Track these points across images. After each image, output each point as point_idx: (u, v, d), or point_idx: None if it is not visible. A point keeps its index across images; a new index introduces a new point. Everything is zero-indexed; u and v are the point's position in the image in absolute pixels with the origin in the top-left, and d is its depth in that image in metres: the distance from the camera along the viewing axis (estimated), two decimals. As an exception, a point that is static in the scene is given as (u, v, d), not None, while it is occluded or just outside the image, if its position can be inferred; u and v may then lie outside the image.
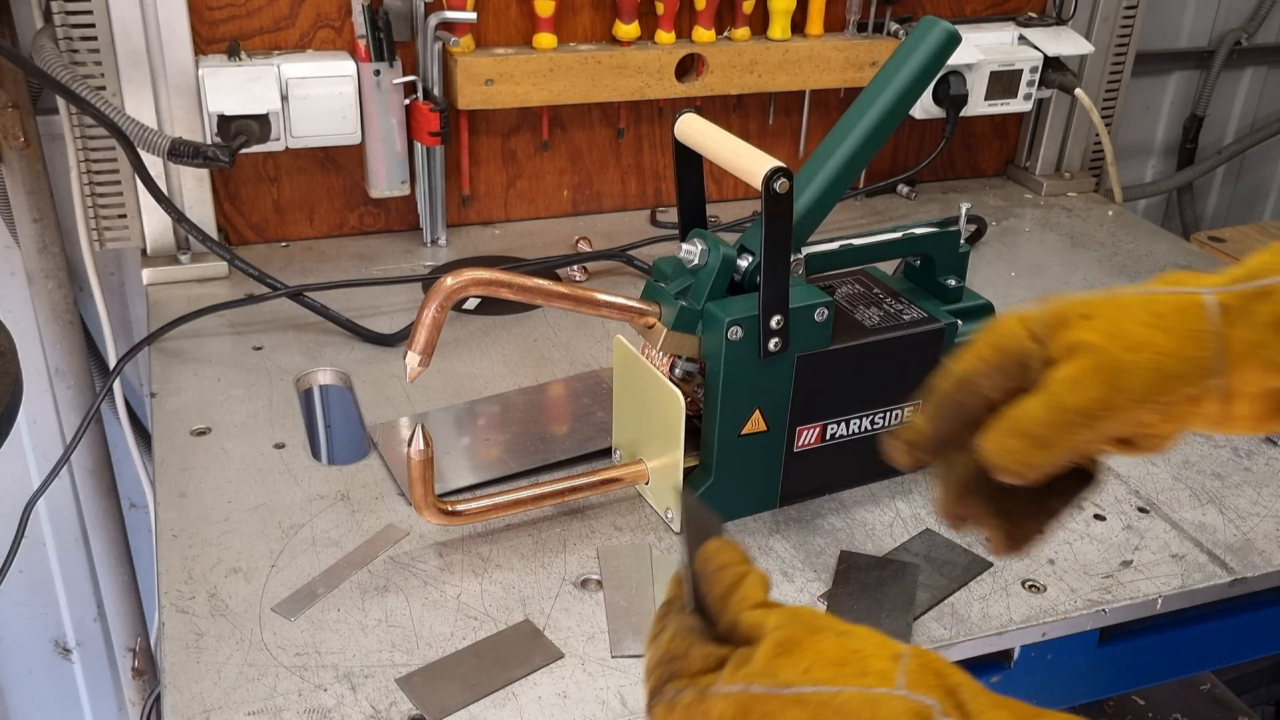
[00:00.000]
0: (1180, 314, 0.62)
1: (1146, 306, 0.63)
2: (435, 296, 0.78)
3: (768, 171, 0.79)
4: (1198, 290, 0.63)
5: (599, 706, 0.73)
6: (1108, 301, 0.64)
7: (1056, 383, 0.62)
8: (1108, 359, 0.62)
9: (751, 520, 0.92)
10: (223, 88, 1.22)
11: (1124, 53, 1.63)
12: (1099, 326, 0.63)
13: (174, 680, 0.74)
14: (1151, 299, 0.63)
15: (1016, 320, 0.64)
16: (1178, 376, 0.62)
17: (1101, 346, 0.62)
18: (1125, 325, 0.62)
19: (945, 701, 0.52)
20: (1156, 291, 0.63)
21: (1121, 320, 0.63)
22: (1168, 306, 0.63)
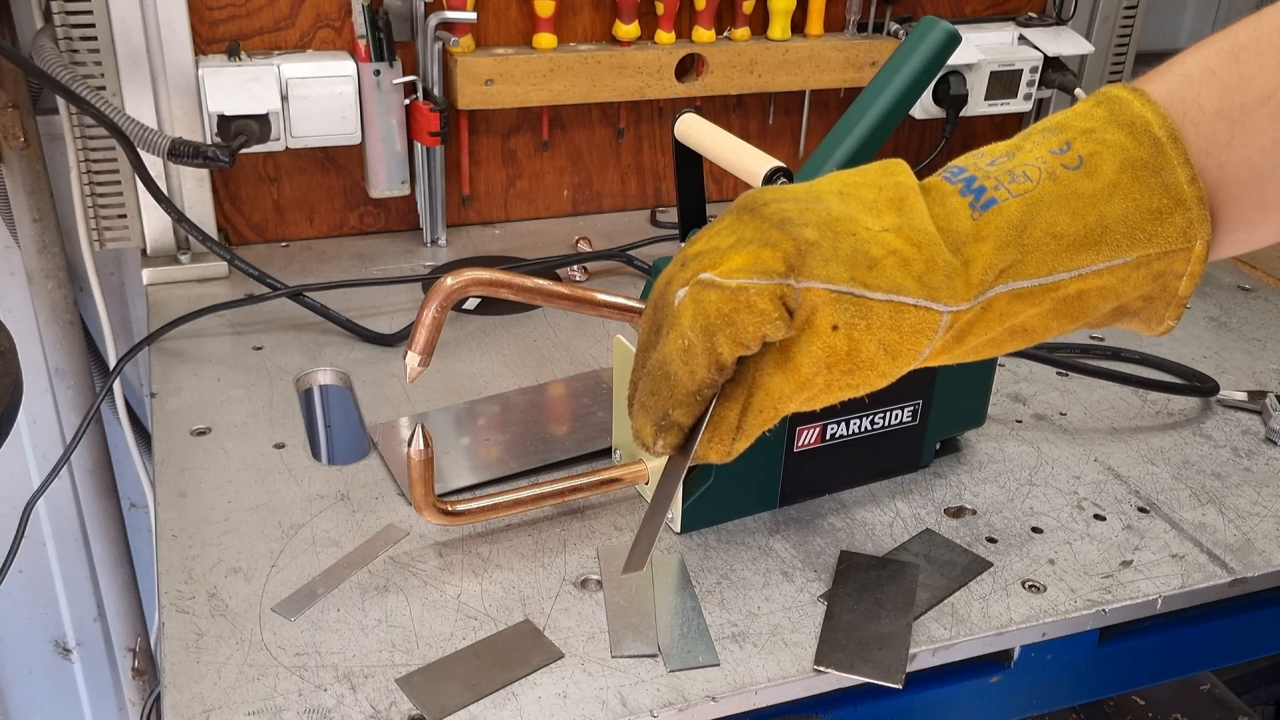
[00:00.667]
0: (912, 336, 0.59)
1: (892, 323, 0.58)
2: (435, 296, 0.78)
3: (768, 171, 0.79)
4: (941, 309, 0.59)
5: (599, 707, 0.73)
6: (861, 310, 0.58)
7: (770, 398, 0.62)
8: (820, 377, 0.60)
9: (751, 520, 0.92)
10: (223, 88, 1.22)
11: (1124, 53, 1.62)
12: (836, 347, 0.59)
13: (174, 680, 0.74)
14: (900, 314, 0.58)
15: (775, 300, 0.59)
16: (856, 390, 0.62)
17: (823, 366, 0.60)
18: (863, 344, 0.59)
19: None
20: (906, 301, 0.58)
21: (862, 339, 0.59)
22: (909, 328, 0.59)
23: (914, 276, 0.59)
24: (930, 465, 0.99)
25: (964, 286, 0.59)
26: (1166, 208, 0.59)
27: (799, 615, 0.82)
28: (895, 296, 0.58)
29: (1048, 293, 0.60)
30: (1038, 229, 0.59)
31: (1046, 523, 0.93)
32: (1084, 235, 0.59)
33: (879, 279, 0.58)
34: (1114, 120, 0.60)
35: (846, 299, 0.58)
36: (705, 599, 0.83)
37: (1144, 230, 0.59)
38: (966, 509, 0.94)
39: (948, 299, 0.59)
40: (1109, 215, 0.59)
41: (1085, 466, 1.01)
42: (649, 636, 0.79)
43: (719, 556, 0.88)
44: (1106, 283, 0.60)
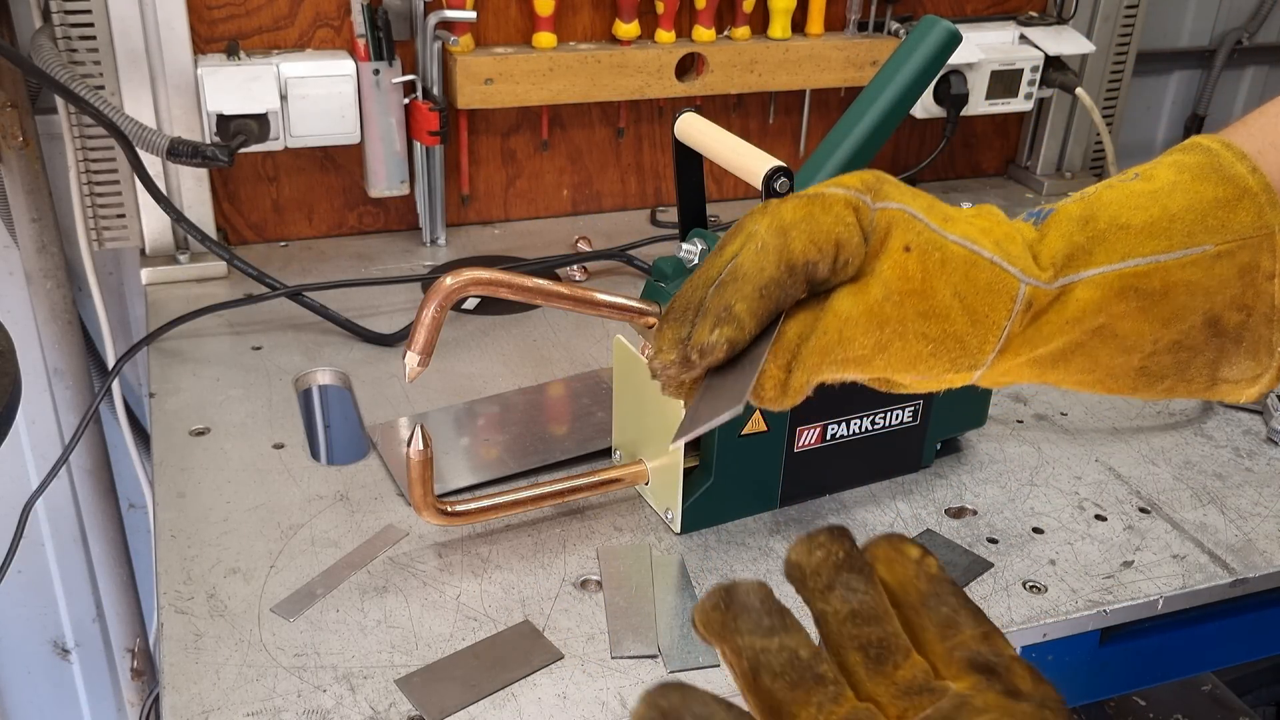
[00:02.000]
0: (990, 296, 0.58)
1: (966, 272, 0.58)
2: (434, 296, 0.78)
3: (768, 171, 0.79)
4: (1018, 274, 0.58)
5: (599, 707, 0.73)
6: (937, 239, 0.58)
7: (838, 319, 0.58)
8: (893, 314, 0.57)
9: (751, 520, 0.92)
10: (222, 87, 1.21)
11: (1125, 52, 1.62)
12: (911, 271, 0.57)
13: (173, 681, 0.74)
14: (976, 263, 0.58)
15: (850, 209, 0.58)
16: (950, 360, 0.59)
17: (897, 295, 0.57)
18: (934, 282, 0.58)
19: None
20: (981, 253, 0.58)
21: (934, 273, 0.57)
22: (984, 282, 0.58)
23: (992, 240, 0.59)
24: (931, 465, 0.99)
25: (1045, 264, 0.59)
26: (1231, 196, 0.59)
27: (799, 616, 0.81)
28: (971, 245, 0.58)
29: (1129, 283, 0.58)
30: (1101, 221, 0.59)
31: (1047, 523, 0.93)
32: (1151, 224, 0.58)
33: (955, 228, 0.58)
34: (1169, 150, 0.62)
35: (921, 226, 0.57)
36: (705, 599, 0.83)
37: (1213, 217, 0.58)
38: (967, 509, 0.94)
39: (1024, 267, 0.58)
40: (1173, 206, 0.59)
41: (1086, 467, 1.01)
42: (649, 637, 0.79)
43: (719, 557, 0.87)
44: (1190, 276, 0.58)
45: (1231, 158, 0.60)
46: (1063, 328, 0.60)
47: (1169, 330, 0.60)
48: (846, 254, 0.57)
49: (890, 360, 0.58)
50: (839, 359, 0.58)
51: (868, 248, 0.58)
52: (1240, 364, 0.61)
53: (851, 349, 0.58)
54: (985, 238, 0.59)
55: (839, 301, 0.58)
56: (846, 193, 0.58)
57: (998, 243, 0.59)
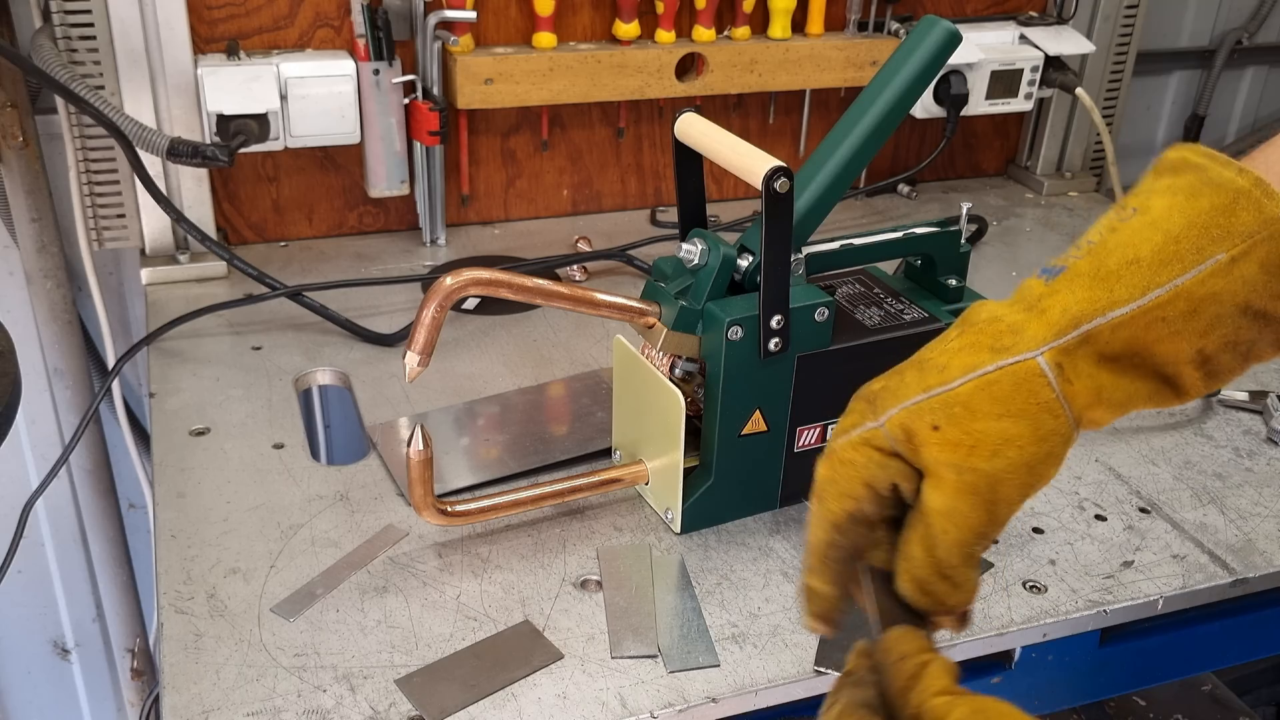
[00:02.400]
0: (1023, 391, 0.61)
1: (989, 394, 0.61)
2: (434, 296, 0.78)
3: (768, 171, 0.79)
4: (1028, 356, 0.60)
5: (599, 707, 0.73)
6: (947, 403, 0.61)
7: (938, 518, 0.61)
8: (976, 478, 0.60)
9: (752, 521, 0.92)
10: (222, 87, 1.21)
11: (1125, 52, 1.62)
12: (952, 438, 0.61)
13: (173, 681, 0.74)
14: (989, 384, 0.61)
15: (864, 446, 0.63)
16: (1045, 458, 0.61)
17: (964, 463, 0.60)
18: (978, 426, 0.60)
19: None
20: (986, 371, 0.61)
21: (970, 423, 0.61)
22: (1007, 388, 0.61)
23: (986, 350, 0.61)
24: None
25: (1042, 329, 0.61)
26: (1226, 201, 0.59)
27: (799, 616, 0.82)
28: (972, 374, 0.61)
29: (1154, 315, 0.60)
30: (1112, 263, 0.61)
31: (1047, 523, 0.93)
32: (1159, 252, 0.60)
33: (949, 374, 0.61)
34: (1157, 170, 0.63)
35: (926, 403, 0.61)
36: (705, 599, 0.83)
37: (1216, 226, 0.59)
38: (967, 509, 0.94)
39: (1028, 346, 0.60)
40: (1174, 228, 0.60)
41: (1086, 467, 1.01)
42: (649, 637, 0.79)
43: (719, 557, 0.87)
44: (1212, 288, 0.59)
45: (1216, 165, 0.60)
46: (1104, 366, 0.61)
47: (1210, 339, 0.61)
48: (882, 486, 0.63)
49: (1006, 502, 0.61)
50: (974, 538, 0.62)
51: (905, 453, 0.62)
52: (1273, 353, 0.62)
53: (973, 525, 0.61)
54: (979, 353, 0.61)
55: (930, 501, 0.62)
56: (852, 436, 0.63)
57: (992, 348, 0.61)
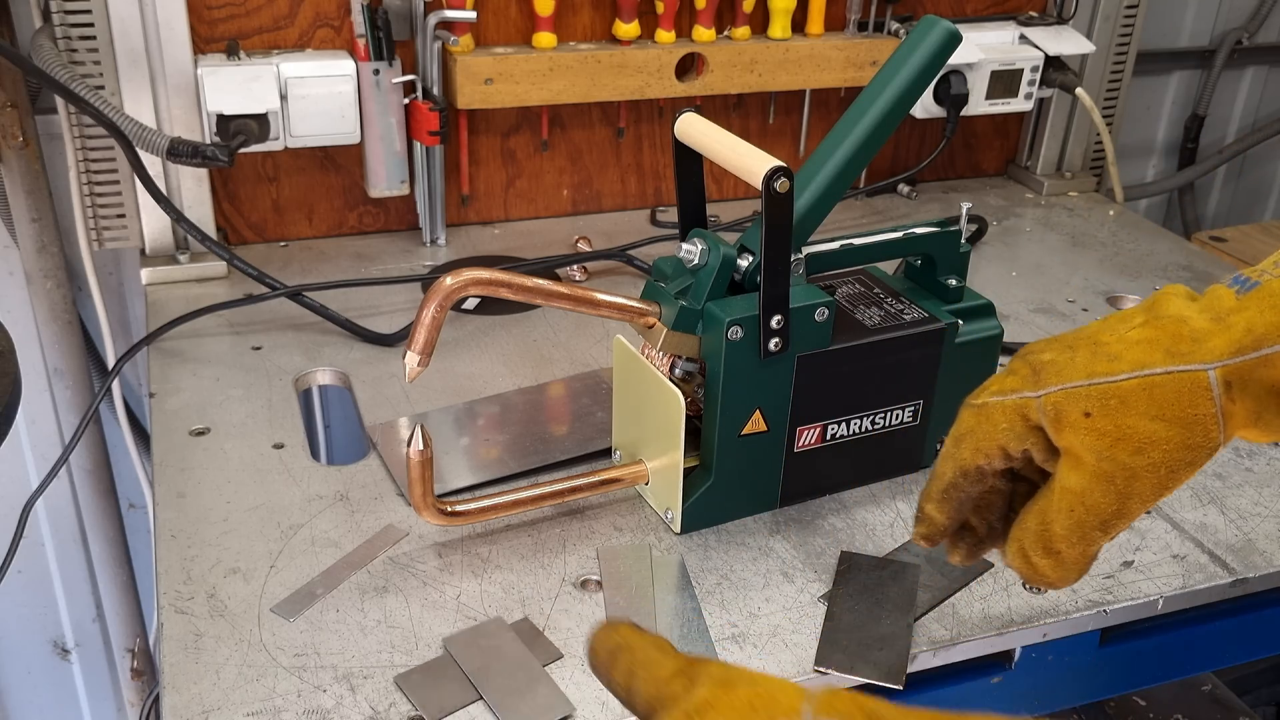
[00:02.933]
0: (1184, 399, 0.61)
1: (1149, 394, 0.61)
2: (434, 296, 0.78)
3: (768, 171, 0.79)
4: (1201, 368, 0.61)
5: (599, 707, 0.73)
6: (1105, 392, 0.62)
7: (1068, 496, 0.63)
8: (1114, 468, 0.62)
9: (751, 520, 0.92)
10: (221, 87, 1.21)
11: (1125, 52, 1.62)
12: (1101, 427, 0.62)
13: (173, 681, 0.74)
14: (1152, 386, 0.61)
15: (1014, 413, 0.65)
16: (1186, 465, 0.62)
17: (1106, 452, 0.62)
18: (1129, 422, 0.61)
19: (857, 714, 0.50)
20: (1155, 372, 0.61)
21: (1123, 417, 0.61)
22: (1170, 393, 0.61)
23: (1161, 351, 0.62)
24: (931, 465, 0.99)
25: (1224, 344, 0.61)
26: None
27: (799, 616, 0.82)
28: (1141, 372, 0.62)
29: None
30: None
31: (1047, 523, 0.93)
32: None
33: (1119, 365, 0.62)
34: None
35: (1085, 389, 0.62)
36: (705, 599, 0.83)
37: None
38: (967, 509, 0.94)
39: (1204, 358, 0.61)
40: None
41: (1086, 467, 1.01)
42: None
43: (719, 557, 0.87)
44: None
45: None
46: (1276, 391, 0.61)
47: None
48: (1014, 453, 0.66)
49: (1139, 497, 0.63)
50: (1097, 523, 0.63)
51: (1049, 431, 0.64)
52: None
53: (1100, 511, 0.63)
54: (1154, 351, 0.62)
55: (1064, 479, 0.64)
56: (1007, 399, 0.66)
57: (1168, 351, 0.62)
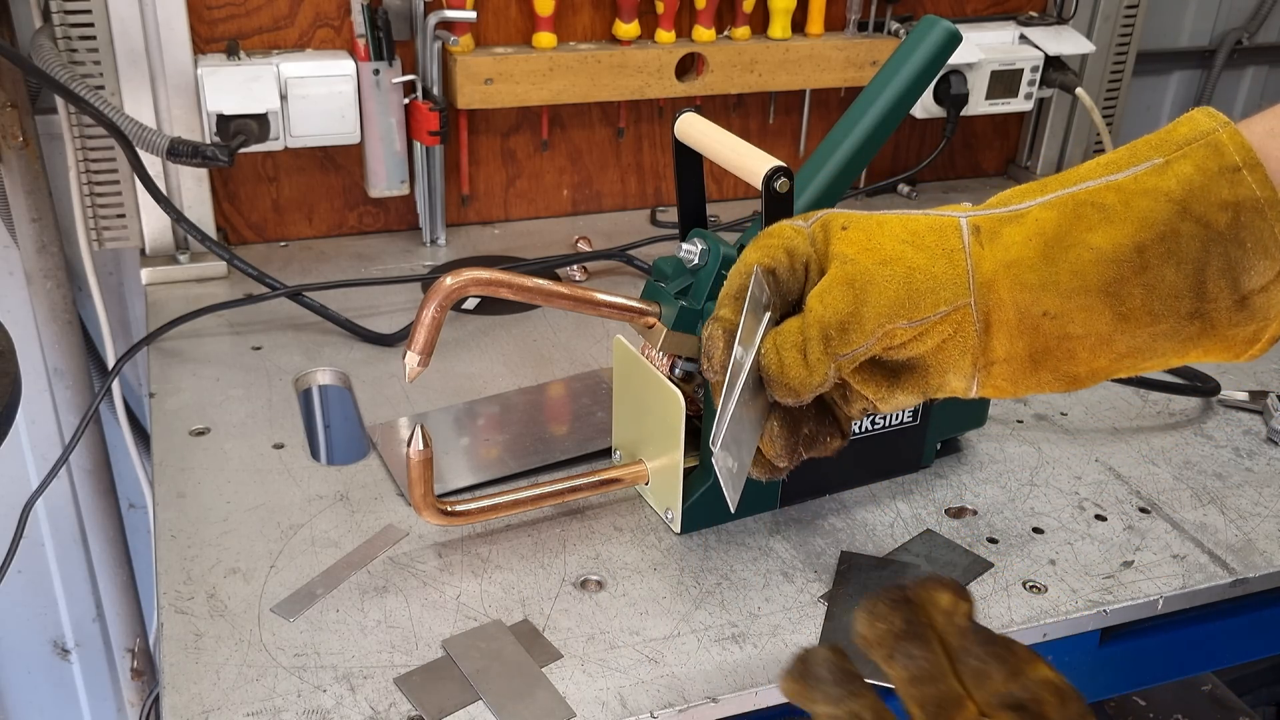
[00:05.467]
0: (935, 233, 0.65)
1: (904, 224, 0.66)
2: (434, 296, 0.78)
3: (768, 171, 0.79)
4: (954, 214, 0.66)
5: (599, 707, 0.73)
6: (868, 216, 0.68)
7: (812, 297, 0.66)
8: (857, 270, 0.65)
9: (751, 520, 0.92)
10: (221, 87, 1.21)
11: (1125, 52, 1.62)
12: (854, 238, 0.66)
13: (173, 681, 0.74)
14: (909, 218, 0.67)
15: (790, 227, 0.69)
16: (928, 292, 0.64)
17: (853, 258, 0.65)
18: (880, 239, 0.66)
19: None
20: (915, 213, 0.67)
21: (877, 234, 0.66)
22: (923, 226, 0.66)
23: (923, 215, 0.67)
24: (931, 465, 0.99)
25: (976, 209, 0.66)
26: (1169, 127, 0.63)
27: (799, 616, 0.82)
28: (903, 213, 0.67)
29: (1084, 199, 0.63)
30: (1054, 178, 0.66)
31: (1047, 523, 0.93)
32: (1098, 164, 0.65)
33: (886, 217, 0.68)
34: None
35: (852, 213, 0.69)
36: (705, 599, 0.83)
37: (1155, 139, 0.63)
38: (967, 509, 0.94)
39: (956, 213, 0.67)
40: (1117, 155, 0.65)
41: (1086, 467, 1.01)
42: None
43: (719, 557, 0.87)
44: (1145, 184, 0.62)
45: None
46: (1029, 240, 0.64)
47: (1148, 231, 0.62)
48: (797, 259, 0.68)
49: (875, 306, 0.64)
50: (835, 323, 0.65)
51: (815, 249, 0.69)
52: (1256, 266, 0.62)
53: (837, 310, 0.65)
54: (918, 216, 0.68)
55: (813, 285, 0.68)
56: (789, 223, 0.70)
57: (927, 214, 0.67)
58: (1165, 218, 0.61)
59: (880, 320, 0.64)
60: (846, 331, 0.64)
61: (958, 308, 0.64)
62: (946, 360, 0.66)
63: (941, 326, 0.65)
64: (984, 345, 0.65)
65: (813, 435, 0.71)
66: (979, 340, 0.65)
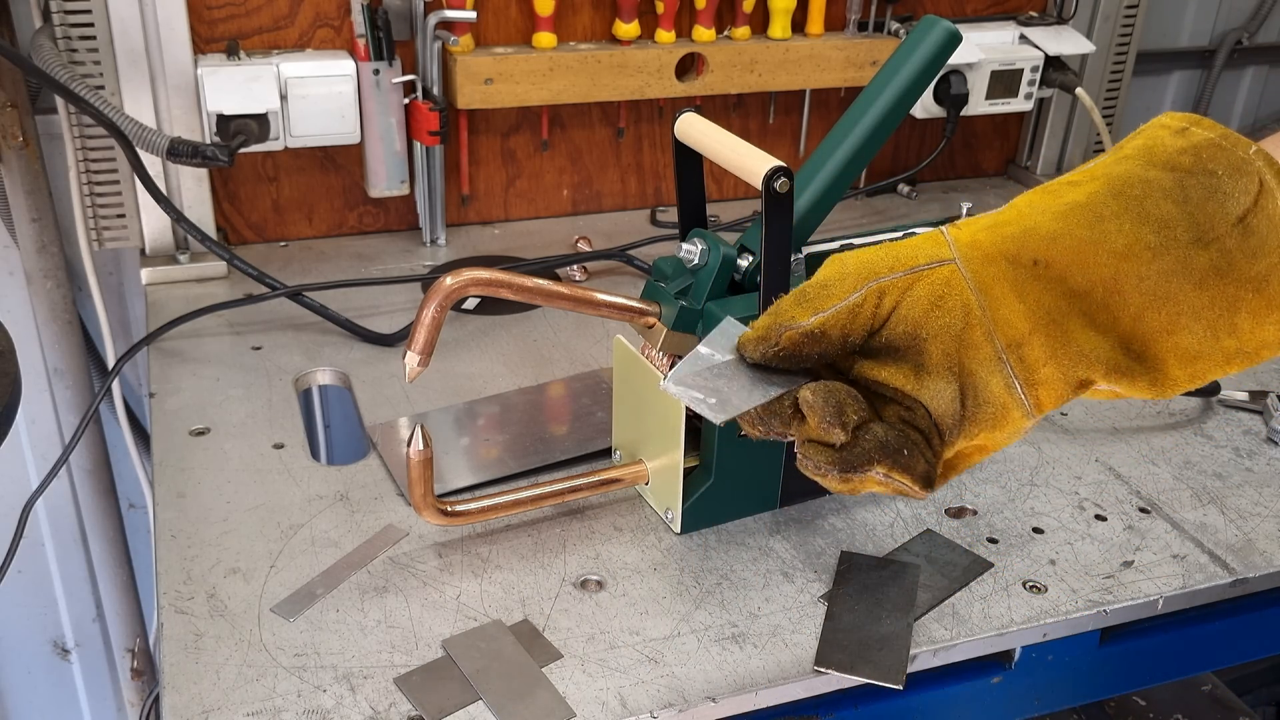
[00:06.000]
0: (919, 236, 0.68)
1: (905, 242, 0.68)
2: (434, 296, 0.78)
3: (768, 171, 0.79)
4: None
5: (599, 707, 0.73)
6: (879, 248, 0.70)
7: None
8: (845, 256, 0.67)
9: (751, 520, 0.92)
10: (222, 87, 1.21)
11: (1125, 52, 1.62)
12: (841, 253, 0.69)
13: (173, 681, 0.74)
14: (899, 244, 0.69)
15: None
16: (909, 251, 0.66)
17: (838, 256, 0.68)
18: (883, 249, 0.68)
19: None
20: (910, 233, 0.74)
21: (870, 247, 0.68)
22: (919, 238, 0.68)
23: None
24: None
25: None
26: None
27: (799, 616, 0.82)
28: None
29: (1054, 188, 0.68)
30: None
31: (1047, 523, 0.93)
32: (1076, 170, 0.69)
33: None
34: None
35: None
36: (705, 599, 0.83)
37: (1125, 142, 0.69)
38: (967, 509, 0.94)
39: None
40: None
41: (1086, 467, 1.01)
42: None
43: (719, 557, 0.87)
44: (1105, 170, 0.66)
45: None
46: (1004, 212, 0.68)
47: (1118, 182, 0.65)
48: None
49: (860, 264, 0.66)
50: (815, 284, 0.67)
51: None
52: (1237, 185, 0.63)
53: (820, 277, 0.67)
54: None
55: None
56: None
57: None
58: (1130, 170, 0.64)
59: (861, 274, 0.65)
60: (828, 287, 0.65)
61: (943, 263, 0.65)
62: (953, 325, 0.64)
63: (929, 280, 0.65)
64: (994, 315, 0.64)
65: (886, 443, 0.64)
66: (981, 304, 0.64)
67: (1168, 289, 0.63)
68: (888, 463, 0.64)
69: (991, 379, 0.65)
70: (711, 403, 0.65)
